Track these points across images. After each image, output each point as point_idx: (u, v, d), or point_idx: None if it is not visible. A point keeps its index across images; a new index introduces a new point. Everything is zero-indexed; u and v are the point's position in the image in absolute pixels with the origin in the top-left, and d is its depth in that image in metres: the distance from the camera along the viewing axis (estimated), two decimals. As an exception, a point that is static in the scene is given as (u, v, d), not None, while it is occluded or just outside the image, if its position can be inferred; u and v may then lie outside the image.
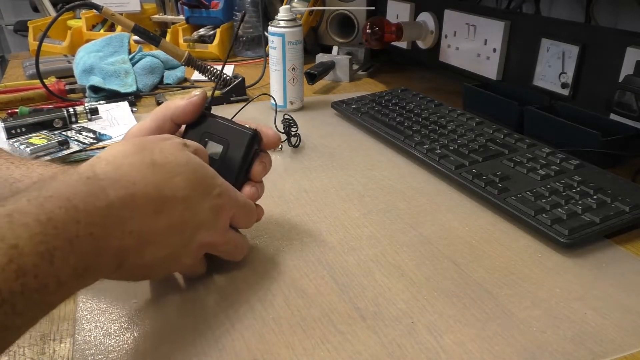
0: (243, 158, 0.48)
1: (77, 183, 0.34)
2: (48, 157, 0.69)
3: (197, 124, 0.49)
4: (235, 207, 0.45)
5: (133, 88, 0.97)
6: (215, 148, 0.48)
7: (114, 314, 0.44)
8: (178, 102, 0.48)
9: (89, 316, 0.43)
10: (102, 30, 1.34)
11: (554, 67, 0.81)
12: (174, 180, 0.40)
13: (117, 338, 0.41)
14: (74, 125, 0.82)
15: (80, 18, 1.34)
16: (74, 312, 0.44)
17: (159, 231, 0.39)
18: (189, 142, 0.44)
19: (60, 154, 0.70)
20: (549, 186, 0.58)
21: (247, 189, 0.48)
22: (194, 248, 0.43)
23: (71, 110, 0.83)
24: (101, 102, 0.92)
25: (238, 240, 0.48)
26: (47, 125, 0.79)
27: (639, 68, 0.65)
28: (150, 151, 0.40)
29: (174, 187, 0.39)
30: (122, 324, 0.43)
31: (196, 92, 0.48)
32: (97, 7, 0.84)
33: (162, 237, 0.39)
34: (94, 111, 0.85)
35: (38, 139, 0.74)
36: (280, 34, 0.87)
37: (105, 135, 0.79)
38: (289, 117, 0.78)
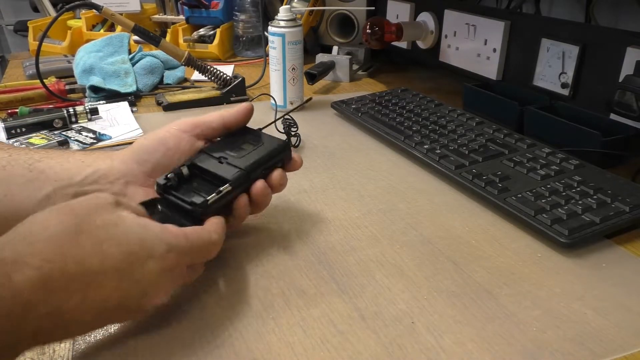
0: (269, 153, 0.51)
1: None
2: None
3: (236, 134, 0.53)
4: (191, 254, 0.40)
5: (133, 88, 0.97)
6: (249, 149, 0.51)
7: (114, 314, 0.43)
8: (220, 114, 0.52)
9: (89, 316, 0.43)
10: (102, 30, 1.34)
11: (554, 67, 0.81)
12: (102, 249, 0.34)
13: (117, 338, 0.41)
14: (74, 125, 0.82)
15: (80, 18, 1.34)
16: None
17: (87, 308, 0.34)
18: (123, 200, 0.39)
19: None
20: (549, 186, 0.58)
21: (259, 184, 0.49)
22: (140, 311, 0.38)
23: (71, 110, 0.83)
24: (101, 102, 0.92)
25: (196, 275, 0.44)
26: (47, 125, 0.79)
27: (639, 68, 0.65)
28: (76, 217, 0.35)
29: (103, 257, 0.34)
30: (122, 324, 0.42)
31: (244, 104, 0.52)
32: (97, 7, 0.84)
33: (93, 313, 0.34)
34: (94, 111, 0.85)
35: (38, 139, 0.74)
36: (280, 34, 0.87)
37: (105, 135, 0.79)
38: (289, 117, 0.78)
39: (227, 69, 1.13)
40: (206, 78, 0.96)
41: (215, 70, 0.95)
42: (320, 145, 0.78)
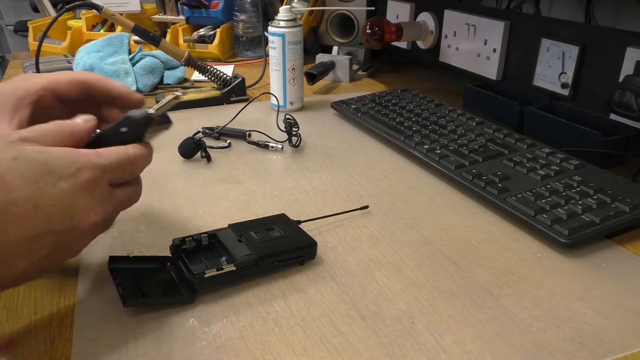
0: (291, 248, 0.49)
1: None
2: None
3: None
4: (109, 169, 0.39)
5: (133, 88, 0.97)
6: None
7: (113, 315, 0.43)
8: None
9: (88, 316, 0.43)
10: (102, 31, 1.34)
11: (554, 67, 0.81)
12: (4, 182, 0.34)
13: (116, 338, 0.41)
14: (74, 126, 0.82)
15: (80, 18, 1.34)
16: (73, 312, 0.44)
17: (13, 244, 0.34)
18: (23, 131, 0.37)
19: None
20: (549, 186, 0.58)
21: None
22: (80, 235, 0.38)
23: (71, 110, 0.82)
24: (101, 102, 0.92)
25: (129, 194, 0.43)
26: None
27: (639, 68, 0.65)
28: None
29: (8, 189, 0.34)
30: (121, 325, 0.42)
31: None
32: (97, 7, 0.84)
33: (23, 248, 0.35)
34: (94, 111, 0.85)
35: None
36: (280, 34, 0.87)
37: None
38: (290, 117, 0.78)
39: (227, 69, 1.13)
40: (206, 78, 0.96)
41: (215, 71, 0.95)
42: (320, 145, 0.78)
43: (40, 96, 0.43)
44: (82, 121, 0.40)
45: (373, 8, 1.18)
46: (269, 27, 0.88)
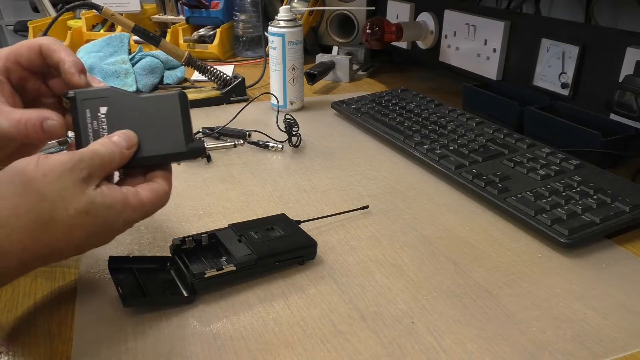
0: (291, 248, 0.49)
1: None
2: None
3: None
4: (149, 214, 0.43)
5: (133, 88, 0.97)
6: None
7: (113, 315, 0.44)
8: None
9: (87, 316, 0.43)
10: (102, 31, 1.34)
11: (554, 67, 0.81)
12: (71, 233, 0.37)
13: (116, 338, 0.41)
14: (74, 126, 0.82)
15: (80, 18, 1.34)
16: (72, 312, 0.44)
17: (48, 262, 0.40)
18: (92, 169, 0.39)
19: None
20: (549, 186, 0.58)
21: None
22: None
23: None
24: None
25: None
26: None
27: (639, 68, 0.65)
28: (49, 203, 0.36)
29: (70, 240, 0.38)
30: (121, 325, 0.42)
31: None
32: (97, 7, 0.84)
33: (53, 262, 0.40)
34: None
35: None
36: (280, 34, 0.87)
37: (105, 135, 0.79)
38: (290, 117, 0.78)
39: (227, 69, 1.13)
40: (206, 78, 0.96)
41: (215, 71, 0.95)
42: (320, 145, 0.78)
43: (7, 68, 0.44)
44: (127, 147, 0.42)
45: (373, 8, 1.18)
46: (269, 27, 0.88)
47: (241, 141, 0.53)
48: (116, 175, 0.44)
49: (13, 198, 0.36)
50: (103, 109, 0.43)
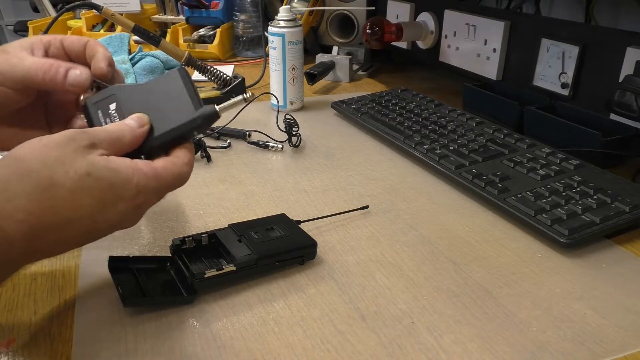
0: (291, 248, 0.49)
1: None
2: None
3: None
4: (160, 191, 0.41)
5: (133, 88, 0.97)
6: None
7: (113, 314, 0.44)
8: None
9: (87, 316, 0.43)
10: (102, 31, 1.34)
11: (554, 67, 0.81)
12: (75, 198, 0.36)
13: (116, 338, 0.41)
14: (74, 126, 0.82)
15: (80, 18, 1.34)
16: (73, 312, 0.44)
17: (59, 246, 0.38)
18: (97, 139, 0.39)
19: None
20: (549, 186, 0.58)
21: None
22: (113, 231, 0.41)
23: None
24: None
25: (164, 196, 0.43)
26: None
27: (639, 68, 0.65)
28: (48, 168, 0.36)
29: (77, 206, 0.37)
30: (121, 325, 0.42)
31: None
32: (97, 7, 0.84)
33: (65, 247, 0.39)
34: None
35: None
36: (280, 34, 0.87)
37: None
38: (290, 117, 0.78)
39: (227, 69, 1.13)
40: (206, 78, 0.96)
41: (215, 71, 0.95)
42: (320, 145, 0.78)
43: (49, 42, 0.46)
44: (138, 126, 0.42)
45: (373, 8, 1.18)
46: (269, 27, 0.88)
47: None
48: None
49: (13, 164, 0.36)
50: (112, 106, 0.44)
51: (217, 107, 0.44)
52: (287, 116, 0.79)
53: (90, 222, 0.38)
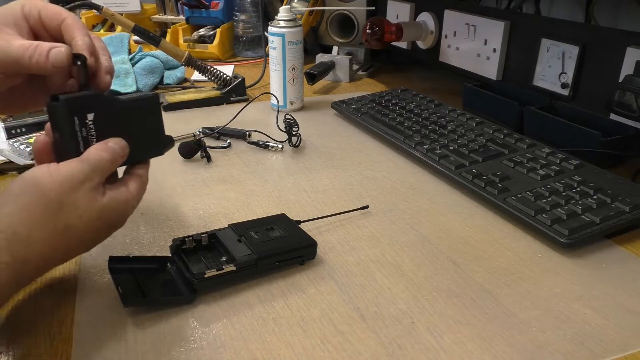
0: (291, 248, 0.50)
1: None
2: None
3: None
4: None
5: (133, 88, 0.97)
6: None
7: (113, 315, 0.44)
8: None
9: (87, 316, 0.43)
10: (102, 31, 1.34)
11: (554, 67, 0.81)
12: (82, 239, 0.41)
13: (116, 338, 0.41)
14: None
15: (80, 18, 1.34)
16: (73, 312, 0.44)
17: (44, 270, 0.42)
18: (101, 179, 0.42)
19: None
20: (549, 186, 0.58)
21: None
22: None
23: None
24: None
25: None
26: (47, 126, 0.79)
27: (639, 68, 0.65)
28: (65, 212, 0.39)
29: (81, 243, 0.42)
30: (121, 325, 0.42)
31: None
32: (97, 7, 0.84)
33: (47, 269, 0.42)
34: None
35: (38, 139, 0.73)
36: (280, 34, 0.87)
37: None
38: (290, 117, 0.78)
39: (227, 69, 1.13)
40: (206, 78, 0.96)
41: (215, 71, 0.95)
42: (320, 145, 0.78)
43: (29, 11, 0.45)
44: (120, 150, 0.44)
45: (373, 8, 1.18)
46: (269, 27, 0.88)
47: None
48: None
49: (32, 207, 0.38)
50: (90, 116, 0.43)
51: (174, 138, 0.50)
52: (287, 116, 0.79)
53: (84, 250, 0.44)
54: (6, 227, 0.37)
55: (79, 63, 0.44)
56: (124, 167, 0.47)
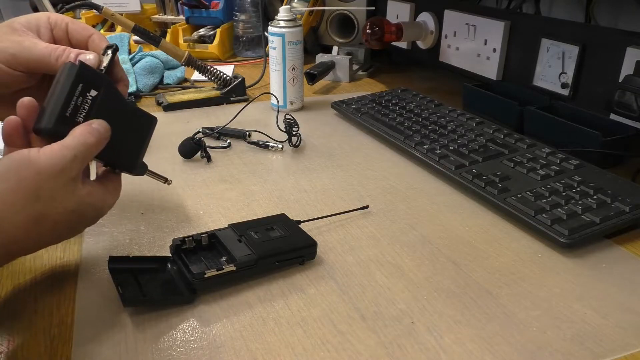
0: (291, 248, 0.49)
1: None
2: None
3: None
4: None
5: (133, 88, 0.97)
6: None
7: (113, 315, 0.44)
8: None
9: (87, 316, 0.43)
10: (102, 31, 1.34)
11: (554, 67, 0.81)
12: (55, 228, 0.41)
13: (116, 338, 0.41)
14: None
15: (80, 18, 1.34)
16: (73, 312, 0.44)
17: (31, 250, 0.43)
18: (81, 168, 0.42)
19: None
20: (549, 186, 0.58)
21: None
22: None
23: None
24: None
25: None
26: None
27: (639, 68, 0.65)
28: (41, 202, 0.39)
29: (54, 233, 0.42)
30: (121, 325, 0.42)
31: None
32: (97, 7, 0.84)
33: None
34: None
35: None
36: (280, 34, 0.87)
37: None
38: (290, 117, 0.78)
39: (227, 69, 1.13)
40: (206, 78, 0.96)
41: (215, 71, 0.95)
42: (320, 145, 0.78)
43: (56, 24, 0.49)
44: (104, 132, 0.44)
45: (373, 8, 1.18)
46: (269, 27, 0.88)
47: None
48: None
49: (10, 194, 0.38)
50: (93, 92, 0.44)
51: (148, 168, 0.51)
52: (287, 116, 0.79)
53: (56, 242, 0.44)
54: None
55: (109, 51, 0.47)
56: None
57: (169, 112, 0.92)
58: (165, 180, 0.55)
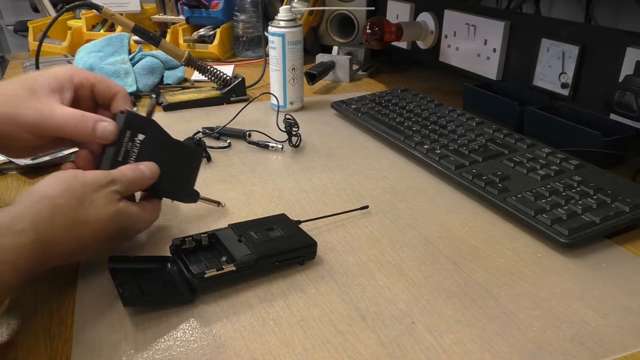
0: (291, 248, 0.50)
1: (22, 249, 0.39)
2: (48, 157, 0.69)
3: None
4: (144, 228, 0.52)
5: (133, 88, 0.97)
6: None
7: (113, 315, 0.44)
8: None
9: (87, 316, 0.43)
10: (102, 31, 1.34)
11: (554, 67, 0.81)
12: (95, 235, 0.44)
13: (116, 338, 0.41)
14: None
15: (80, 18, 1.34)
16: (73, 312, 0.44)
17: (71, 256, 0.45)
18: (121, 190, 0.46)
19: (60, 154, 0.70)
20: (549, 186, 0.58)
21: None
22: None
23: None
24: (101, 102, 0.92)
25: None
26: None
27: (639, 68, 0.65)
28: (84, 207, 0.43)
29: (95, 241, 0.45)
30: (121, 325, 0.43)
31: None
32: (97, 7, 0.84)
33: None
34: (94, 111, 0.85)
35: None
36: (280, 34, 0.87)
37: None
38: (290, 117, 0.78)
39: (227, 69, 1.13)
40: (206, 78, 0.96)
41: (215, 71, 0.95)
42: (320, 145, 0.78)
43: (82, 85, 0.50)
44: (149, 173, 0.49)
45: (373, 8, 1.18)
46: (269, 27, 0.88)
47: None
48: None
49: (56, 198, 0.42)
50: (141, 136, 0.49)
51: (200, 196, 0.56)
52: (287, 116, 0.79)
53: (95, 251, 0.47)
54: (31, 209, 0.41)
55: (153, 96, 0.56)
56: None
57: (169, 112, 0.92)
58: (218, 204, 0.59)
